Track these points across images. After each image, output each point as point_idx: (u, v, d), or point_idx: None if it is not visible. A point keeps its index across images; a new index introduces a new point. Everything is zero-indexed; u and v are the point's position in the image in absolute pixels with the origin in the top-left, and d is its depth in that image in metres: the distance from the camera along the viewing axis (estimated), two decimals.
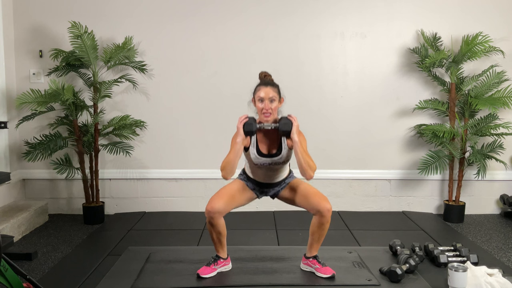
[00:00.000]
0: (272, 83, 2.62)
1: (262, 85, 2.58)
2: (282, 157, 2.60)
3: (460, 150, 4.15)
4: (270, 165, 2.61)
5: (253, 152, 2.59)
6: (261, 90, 2.55)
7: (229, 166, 2.50)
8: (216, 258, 2.74)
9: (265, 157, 2.60)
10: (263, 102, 2.54)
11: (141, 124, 4.25)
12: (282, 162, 2.61)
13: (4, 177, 3.69)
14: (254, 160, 2.60)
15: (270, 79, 2.68)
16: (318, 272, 2.68)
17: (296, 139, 2.49)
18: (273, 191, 2.74)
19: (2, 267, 2.03)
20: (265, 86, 2.56)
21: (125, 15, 4.25)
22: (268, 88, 2.55)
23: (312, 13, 4.31)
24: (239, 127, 2.53)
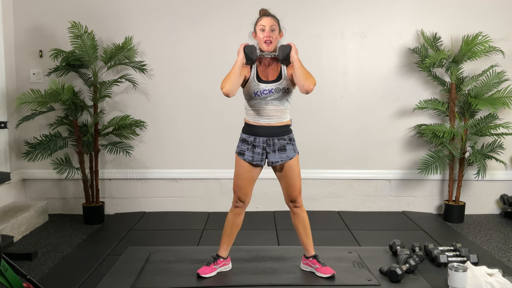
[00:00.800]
0: (273, 15, 2.68)
1: (264, 15, 2.64)
2: (282, 82, 2.59)
3: (460, 150, 4.15)
4: (271, 93, 2.57)
5: (254, 79, 2.60)
6: (263, 19, 2.61)
7: (228, 80, 2.51)
8: (216, 258, 2.75)
9: (266, 83, 2.59)
10: (264, 31, 2.58)
11: (141, 124, 4.25)
12: (282, 89, 2.59)
13: (4, 177, 3.69)
14: (254, 88, 2.58)
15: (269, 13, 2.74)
16: (318, 272, 2.68)
17: (295, 57, 2.53)
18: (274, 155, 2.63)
19: (2, 267, 2.03)
20: (266, 16, 2.62)
21: (125, 15, 4.25)
22: (269, 18, 2.62)
23: (312, 13, 4.31)
24: (240, 51, 2.58)
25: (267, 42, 2.58)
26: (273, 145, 2.63)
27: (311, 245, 2.74)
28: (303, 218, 2.73)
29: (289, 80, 2.61)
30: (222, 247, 2.77)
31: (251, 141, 2.65)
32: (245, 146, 2.67)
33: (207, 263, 2.74)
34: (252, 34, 2.68)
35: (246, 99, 2.67)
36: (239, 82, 2.54)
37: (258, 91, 2.58)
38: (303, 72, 2.49)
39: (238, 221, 2.75)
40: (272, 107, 2.61)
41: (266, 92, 2.58)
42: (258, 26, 2.61)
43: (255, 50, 2.59)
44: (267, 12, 2.70)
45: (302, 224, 2.74)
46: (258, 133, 2.63)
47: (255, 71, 2.62)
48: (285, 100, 2.64)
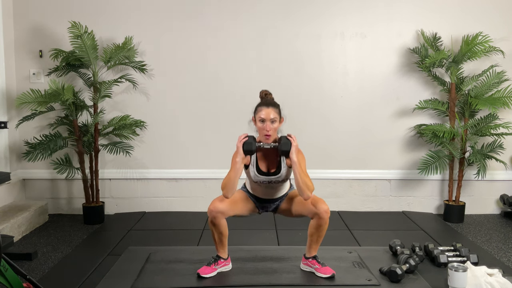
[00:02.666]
0: (273, 103, 2.63)
1: (264, 105, 2.59)
2: (281, 175, 2.63)
3: (460, 150, 4.15)
4: (270, 183, 2.64)
5: (253, 170, 2.63)
6: (263, 111, 2.56)
7: (230, 185, 2.53)
8: (217, 258, 2.74)
9: (265, 175, 2.63)
10: (264, 123, 2.56)
11: (141, 124, 4.25)
12: (281, 180, 2.65)
13: (4, 177, 3.69)
14: (253, 178, 2.65)
15: (271, 98, 2.70)
16: (318, 272, 2.68)
17: (294, 159, 2.51)
18: (273, 205, 2.77)
19: (2, 267, 2.03)
20: (266, 107, 2.57)
21: (125, 15, 4.25)
22: (269, 109, 2.57)
23: (312, 13, 4.31)
24: (239, 146, 2.56)
25: (266, 136, 2.57)
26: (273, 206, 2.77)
27: (316, 249, 2.72)
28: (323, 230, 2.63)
29: (288, 168, 2.63)
30: (219, 251, 2.77)
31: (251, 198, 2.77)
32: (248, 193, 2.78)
33: (208, 263, 2.73)
34: (252, 119, 2.66)
35: (247, 177, 2.72)
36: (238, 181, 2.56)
37: (258, 181, 2.64)
38: (302, 181, 2.48)
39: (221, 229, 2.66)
40: (272, 190, 2.70)
41: (265, 182, 2.64)
42: (258, 117, 2.58)
43: (254, 142, 2.56)
44: (268, 100, 2.64)
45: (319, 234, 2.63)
46: (258, 200, 2.75)
47: (255, 160, 2.64)
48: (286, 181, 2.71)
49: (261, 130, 2.58)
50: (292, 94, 4.36)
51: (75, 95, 4.02)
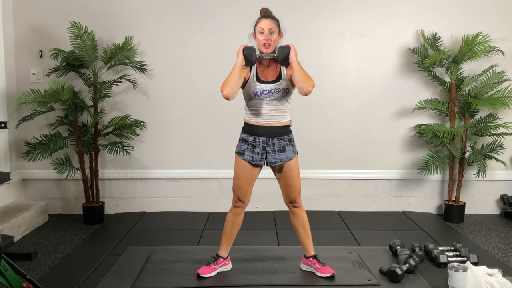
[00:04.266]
0: (272, 16, 2.66)
1: (263, 17, 2.62)
2: (281, 82, 2.59)
3: (460, 150, 4.15)
4: (270, 93, 2.57)
5: (253, 80, 2.60)
6: (262, 22, 2.59)
7: (228, 83, 2.50)
8: (216, 258, 2.75)
9: (265, 83, 2.58)
10: (263, 33, 2.57)
11: (141, 124, 4.25)
12: (282, 89, 2.58)
13: (4, 177, 3.69)
14: (253, 89, 2.58)
15: (270, 13, 2.71)
16: (318, 271, 2.68)
17: (294, 58, 2.53)
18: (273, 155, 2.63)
19: (2, 267, 2.03)
20: (265, 18, 2.60)
21: (125, 15, 4.25)
22: (268, 20, 2.60)
23: (312, 13, 4.31)
24: (239, 53, 2.58)
25: (265, 45, 2.58)
26: (272, 145, 2.62)
27: (311, 245, 2.75)
28: (302, 218, 2.74)
29: (289, 80, 2.60)
30: (222, 247, 2.77)
31: (251, 141, 2.64)
32: (245, 146, 2.67)
33: (207, 263, 2.74)
34: (252, 35, 2.67)
35: (246, 99, 2.66)
36: (238, 85, 2.54)
37: (257, 92, 2.58)
38: (302, 75, 2.48)
39: (237, 221, 2.75)
40: (272, 107, 2.60)
41: (265, 93, 2.57)
42: (257, 28, 2.60)
43: (255, 52, 2.58)
44: (267, 13, 2.68)
45: (302, 224, 2.74)
46: (258, 133, 2.63)
47: (255, 71, 2.62)
48: (285, 100, 2.64)
49: (259, 41, 2.60)
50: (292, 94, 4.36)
51: (75, 95, 4.02)
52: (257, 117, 2.62)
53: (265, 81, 2.60)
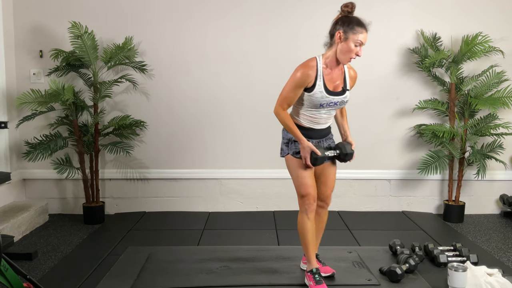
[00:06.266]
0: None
1: (364, 28, 2.36)
2: (347, 95, 2.51)
3: (460, 150, 4.15)
4: (335, 105, 2.49)
5: (322, 90, 2.41)
6: (363, 34, 2.35)
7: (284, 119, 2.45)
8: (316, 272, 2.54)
9: (334, 95, 2.46)
10: (358, 47, 2.36)
11: (141, 124, 4.25)
12: (345, 102, 2.53)
13: (5, 177, 3.70)
14: (321, 100, 2.43)
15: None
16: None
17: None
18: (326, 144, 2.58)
19: (2, 267, 2.03)
20: (366, 31, 2.36)
21: (125, 15, 4.25)
22: (366, 34, 2.37)
23: (312, 12, 4.31)
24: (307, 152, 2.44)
25: (353, 58, 2.40)
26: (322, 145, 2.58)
27: (317, 247, 2.72)
28: (323, 220, 2.70)
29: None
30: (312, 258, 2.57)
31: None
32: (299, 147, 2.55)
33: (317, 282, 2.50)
34: (339, 34, 2.36)
35: (305, 106, 2.48)
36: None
37: (324, 103, 2.45)
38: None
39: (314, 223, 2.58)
40: (329, 115, 2.55)
41: (331, 104, 2.47)
42: (356, 38, 2.34)
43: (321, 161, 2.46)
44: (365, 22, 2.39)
45: (319, 226, 2.69)
46: (312, 136, 2.53)
47: (322, 81, 2.42)
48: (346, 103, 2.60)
49: (351, 52, 2.36)
50: None
51: (75, 95, 4.02)
52: (313, 123, 2.53)
53: (333, 93, 2.46)
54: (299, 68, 2.46)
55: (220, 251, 3.11)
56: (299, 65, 2.48)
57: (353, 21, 2.37)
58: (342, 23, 2.37)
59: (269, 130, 4.39)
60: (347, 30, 2.35)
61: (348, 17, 2.39)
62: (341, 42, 2.37)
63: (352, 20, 2.37)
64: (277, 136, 4.37)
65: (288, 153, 2.57)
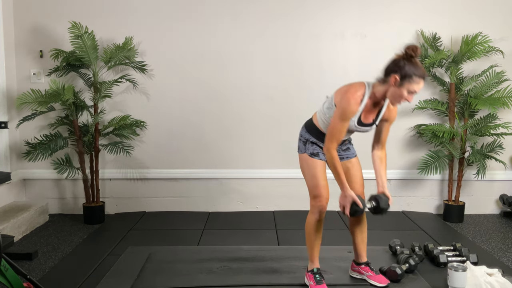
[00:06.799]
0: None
1: (422, 78, 2.27)
2: (372, 127, 2.51)
3: (459, 150, 4.16)
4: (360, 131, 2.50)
5: (354, 121, 2.41)
6: (419, 85, 2.27)
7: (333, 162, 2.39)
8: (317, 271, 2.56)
9: (362, 126, 2.46)
10: (411, 95, 2.29)
11: (141, 124, 4.25)
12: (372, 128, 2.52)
13: (5, 177, 3.70)
14: (350, 128, 2.44)
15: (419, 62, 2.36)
16: (371, 280, 2.62)
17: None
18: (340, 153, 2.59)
19: (2, 267, 2.03)
20: (423, 80, 2.28)
21: (125, 15, 4.25)
22: (423, 83, 2.30)
23: (312, 13, 4.31)
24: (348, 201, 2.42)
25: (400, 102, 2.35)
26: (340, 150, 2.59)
27: (365, 252, 2.68)
28: (363, 222, 2.66)
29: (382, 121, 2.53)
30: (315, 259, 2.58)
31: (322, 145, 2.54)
32: (318, 149, 2.54)
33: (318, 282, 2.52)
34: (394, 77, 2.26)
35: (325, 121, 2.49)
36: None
37: (353, 130, 2.49)
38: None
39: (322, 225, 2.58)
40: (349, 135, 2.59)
41: (359, 131, 2.51)
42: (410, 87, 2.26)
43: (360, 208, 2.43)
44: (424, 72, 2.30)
45: (361, 229, 2.65)
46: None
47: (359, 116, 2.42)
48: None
49: (401, 97, 2.29)
50: (292, 94, 4.37)
51: (76, 95, 4.02)
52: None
53: (364, 124, 2.47)
54: (347, 99, 2.32)
55: (220, 251, 3.11)
56: (347, 92, 2.35)
57: (412, 69, 2.25)
58: (400, 67, 2.26)
59: (269, 130, 4.40)
60: (404, 77, 2.25)
61: (409, 62, 2.26)
62: (395, 86, 2.28)
63: (412, 67, 2.25)
64: (277, 136, 4.39)
65: (305, 153, 2.55)
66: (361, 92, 2.36)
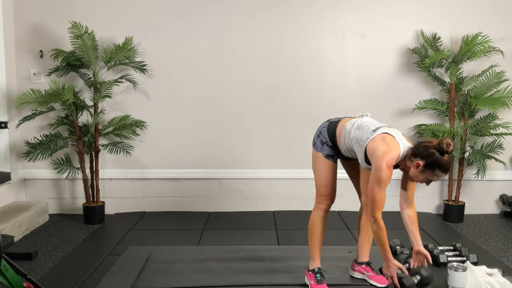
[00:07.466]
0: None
1: (445, 172, 2.29)
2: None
3: (459, 150, 4.16)
4: None
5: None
6: (440, 177, 2.31)
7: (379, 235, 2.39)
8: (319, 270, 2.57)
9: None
10: (430, 181, 2.34)
11: (141, 124, 4.25)
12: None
13: (5, 177, 3.70)
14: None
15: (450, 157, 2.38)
16: (372, 280, 2.62)
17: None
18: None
19: (2, 267, 2.03)
20: (445, 174, 2.32)
21: (125, 15, 4.25)
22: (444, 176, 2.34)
23: (312, 13, 4.31)
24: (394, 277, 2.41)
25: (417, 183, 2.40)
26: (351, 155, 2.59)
27: (368, 251, 2.69)
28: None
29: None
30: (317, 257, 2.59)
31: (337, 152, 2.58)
32: (332, 151, 2.56)
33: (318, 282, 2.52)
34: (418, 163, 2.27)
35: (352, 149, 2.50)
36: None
37: None
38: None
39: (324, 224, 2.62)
40: None
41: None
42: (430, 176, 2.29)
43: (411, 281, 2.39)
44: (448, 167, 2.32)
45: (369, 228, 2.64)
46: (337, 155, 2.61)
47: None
48: None
49: (420, 180, 2.34)
50: (292, 94, 4.37)
51: (76, 95, 4.02)
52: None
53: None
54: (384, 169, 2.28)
55: (220, 251, 3.11)
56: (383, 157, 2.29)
57: (439, 163, 2.25)
58: (428, 157, 2.25)
59: (269, 130, 4.40)
60: (427, 167, 2.26)
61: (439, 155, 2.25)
62: (416, 168, 2.29)
63: (439, 161, 2.25)
64: (277, 136, 4.39)
65: (320, 152, 2.56)
66: (395, 159, 2.33)
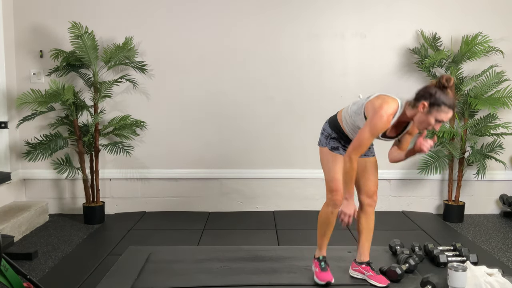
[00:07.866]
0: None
1: (451, 108, 2.24)
2: (396, 139, 2.54)
3: (459, 150, 4.16)
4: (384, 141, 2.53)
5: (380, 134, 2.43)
6: (448, 114, 2.24)
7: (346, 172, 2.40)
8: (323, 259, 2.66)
9: (386, 138, 2.50)
10: (438, 124, 2.28)
11: (141, 124, 4.25)
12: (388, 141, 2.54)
13: (5, 177, 3.70)
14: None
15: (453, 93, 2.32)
16: (372, 279, 2.62)
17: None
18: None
19: (2, 267, 2.03)
20: (452, 111, 2.25)
21: (125, 15, 4.25)
22: (452, 113, 2.26)
23: (312, 13, 4.31)
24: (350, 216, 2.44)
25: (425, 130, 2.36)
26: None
27: (368, 250, 2.70)
28: (371, 221, 2.72)
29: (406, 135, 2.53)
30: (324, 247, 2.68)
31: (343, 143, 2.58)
32: (338, 143, 2.58)
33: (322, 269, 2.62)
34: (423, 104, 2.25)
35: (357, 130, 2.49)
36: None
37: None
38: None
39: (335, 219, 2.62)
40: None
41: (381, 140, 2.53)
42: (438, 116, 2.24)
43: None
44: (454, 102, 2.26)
45: (368, 227, 2.70)
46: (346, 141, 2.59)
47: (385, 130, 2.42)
48: None
49: (428, 125, 2.28)
50: (292, 94, 4.37)
51: (76, 95, 4.02)
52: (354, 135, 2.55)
53: (388, 136, 2.49)
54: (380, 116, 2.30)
55: (220, 251, 3.11)
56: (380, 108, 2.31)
57: (443, 98, 2.22)
58: (431, 95, 2.24)
59: (269, 130, 4.40)
60: (433, 105, 2.23)
61: (440, 91, 2.24)
62: (423, 113, 2.27)
63: (443, 96, 2.23)
64: (277, 136, 4.39)
65: (326, 147, 2.59)
66: (393, 110, 2.34)
